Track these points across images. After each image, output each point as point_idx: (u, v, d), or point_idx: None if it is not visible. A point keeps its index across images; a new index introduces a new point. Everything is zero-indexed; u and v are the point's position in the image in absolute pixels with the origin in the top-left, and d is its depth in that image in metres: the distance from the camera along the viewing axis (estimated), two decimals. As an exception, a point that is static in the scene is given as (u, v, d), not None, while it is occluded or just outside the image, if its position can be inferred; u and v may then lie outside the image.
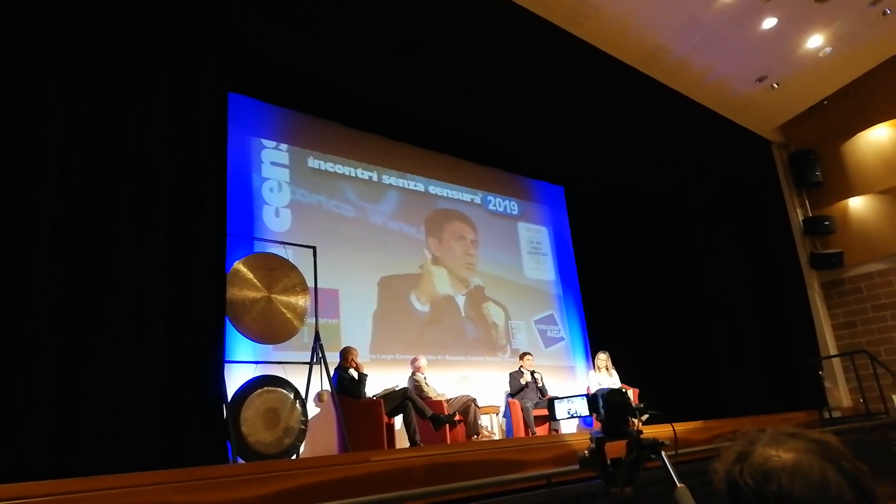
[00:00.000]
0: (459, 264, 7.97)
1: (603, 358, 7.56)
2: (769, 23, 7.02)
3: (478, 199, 8.54)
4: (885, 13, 7.24)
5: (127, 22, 3.97)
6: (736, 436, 0.92)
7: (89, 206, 3.57)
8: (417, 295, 7.42)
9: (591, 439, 1.55)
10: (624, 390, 1.61)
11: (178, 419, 3.64)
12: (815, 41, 7.55)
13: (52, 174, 3.45)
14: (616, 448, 1.58)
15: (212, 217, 4.21)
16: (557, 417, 1.74)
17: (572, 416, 1.70)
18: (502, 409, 7.12)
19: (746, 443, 0.89)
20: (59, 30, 3.68)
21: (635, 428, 1.58)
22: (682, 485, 1.31)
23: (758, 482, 0.84)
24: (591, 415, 1.67)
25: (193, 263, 3.97)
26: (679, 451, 1.62)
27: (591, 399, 1.65)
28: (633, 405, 1.61)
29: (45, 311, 3.26)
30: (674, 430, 1.69)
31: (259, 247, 5.68)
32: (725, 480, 0.88)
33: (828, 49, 7.71)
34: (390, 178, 7.67)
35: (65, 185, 3.49)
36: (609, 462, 1.54)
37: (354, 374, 5.70)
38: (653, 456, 1.48)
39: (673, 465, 1.41)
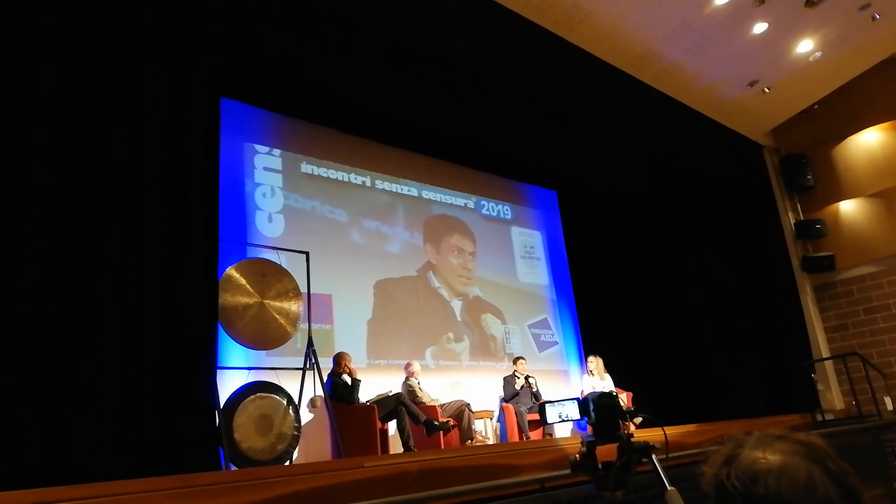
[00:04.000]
0: (456, 277, 7.97)
1: (593, 361, 7.57)
2: (760, 27, 7.07)
3: (471, 204, 8.55)
4: (873, 18, 7.29)
5: (117, 25, 3.96)
6: (724, 439, 0.92)
7: (79, 211, 3.56)
8: (416, 299, 7.41)
9: (581, 443, 1.55)
10: (615, 394, 1.61)
11: (170, 425, 3.62)
12: (806, 46, 7.60)
13: (39, 177, 3.43)
14: (607, 452, 1.58)
15: (204, 222, 4.20)
16: (549, 421, 1.74)
17: (563, 420, 1.70)
18: (496, 414, 7.11)
19: (734, 446, 0.90)
20: (50, 30, 3.66)
21: (627, 431, 1.58)
22: (673, 488, 1.32)
23: (745, 484, 0.84)
24: (582, 418, 1.68)
25: (186, 269, 3.95)
26: (670, 455, 1.62)
27: (582, 403, 1.65)
28: (625, 409, 1.61)
29: (35, 316, 3.24)
30: (664, 433, 1.69)
31: (252, 252, 5.65)
32: (713, 484, 0.88)
33: (818, 54, 7.76)
34: (383, 184, 7.67)
35: (53, 189, 3.47)
36: (600, 466, 1.54)
37: (348, 379, 5.69)
38: (644, 459, 1.48)
39: (664, 468, 1.42)
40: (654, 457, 1.44)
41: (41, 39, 3.62)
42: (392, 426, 5.85)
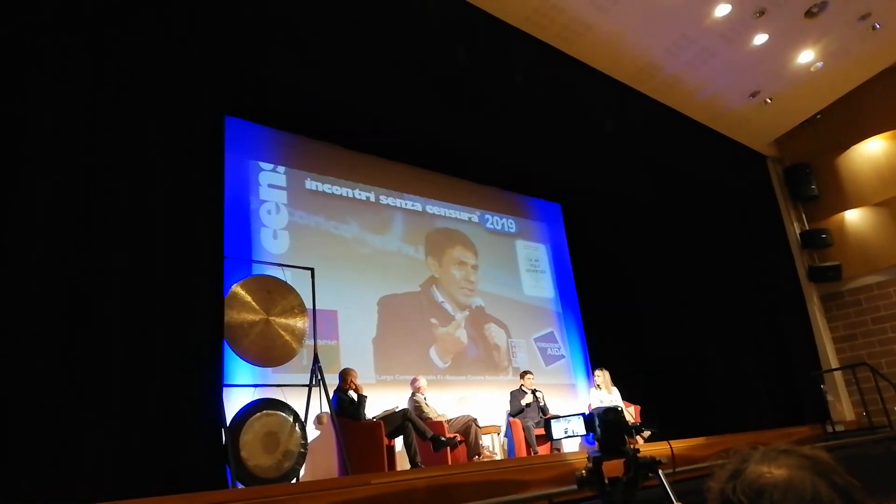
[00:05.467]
0: (459, 289, 7.96)
1: (600, 375, 7.52)
2: (760, 39, 7.10)
3: (475, 218, 8.56)
4: (874, 27, 7.32)
5: (120, 44, 4.00)
6: (729, 454, 0.92)
7: (85, 229, 3.58)
8: (420, 314, 7.40)
9: (588, 458, 1.54)
10: (621, 409, 1.60)
11: (176, 444, 3.62)
12: (807, 56, 7.63)
13: (46, 196, 3.46)
14: (614, 467, 1.57)
15: (209, 240, 4.22)
16: (555, 437, 1.74)
17: (569, 436, 1.69)
18: (503, 429, 7.07)
19: (739, 461, 0.90)
20: (54, 45, 3.70)
21: (634, 446, 1.57)
22: (680, 503, 1.31)
23: (750, 499, 0.84)
24: (589, 433, 1.67)
25: (191, 286, 3.96)
26: (677, 469, 1.61)
27: (588, 418, 1.65)
28: (631, 423, 1.60)
29: (40, 334, 3.25)
30: (671, 447, 1.68)
31: (257, 269, 5.68)
32: (719, 499, 0.88)
33: (819, 64, 7.79)
34: (388, 199, 7.70)
35: (60, 207, 3.49)
36: (607, 481, 1.53)
37: (354, 395, 5.67)
38: (650, 474, 1.47)
39: (670, 483, 1.41)
40: (660, 472, 1.44)
41: (46, 55, 3.66)
42: (399, 442, 5.81)
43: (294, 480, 4.50)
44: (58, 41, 3.72)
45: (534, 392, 7.03)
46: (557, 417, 1.75)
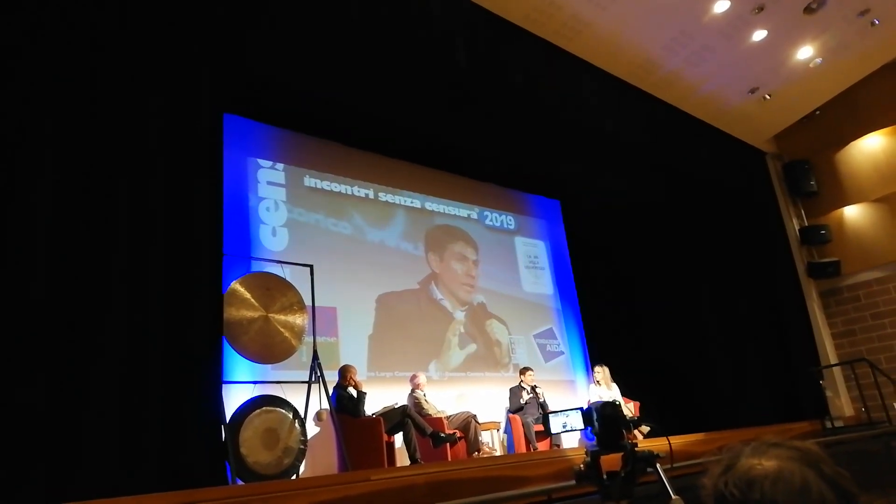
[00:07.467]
0: (460, 285, 7.97)
1: (599, 371, 7.53)
2: (759, 35, 7.09)
3: (474, 215, 8.56)
4: (873, 23, 7.31)
5: (119, 42, 4.00)
6: (722, 451, 0.94)
7: (84, 227, 3.58)
8: (419, 311, 7.41)
9: (586, 453, 1.55)
10: (618, 403, 1.61)
11: (176, 441, 3.63)
12: (806, 52, 7.62)
13: (46, 196, 3.46)
14: (614, 461, 1.58)
15: (208, 237, 4.22)
16: (553, 431, 1.74)
17: (567, 430, 1.70)
18: (503, 425, 7.08)
19: (732, 456, 0.92)
20: (54, 44, 3.70)
21: (634, 441, 1.58)
22: (678, 497, 1.32)
23: (742, 491, 0.86)
24: (586, 428, 1.67)
25: (190, 284, 3.97)
26: (675, 465, 1.62)
27: (586, 412, 1.65)
28: (628, 418, 1.61)
29: (39, 331, 3.26)
30: (669, 442, 1.68)
31: (256, 266, 5.68)
32: (713, 494, 0.90)
33: (818, 60, 7.78)
34: (387, 196, 7.70)
35: (59, 205, 3.49)
36: (605, 476, 1.54)
37: (353, 392, 5.68)
38: (648, 469, 1.48)
39: (669, 478, 1.41)
40: (658, 466, 1.44)
41: (45, 55, 3.66)
42: (398, 439, 5.83)
43: (294, 477, 4.51)
44: (57, 40, 3.71)
45: (533, 388, 7.04)
46: (556, 412, 1.76)
